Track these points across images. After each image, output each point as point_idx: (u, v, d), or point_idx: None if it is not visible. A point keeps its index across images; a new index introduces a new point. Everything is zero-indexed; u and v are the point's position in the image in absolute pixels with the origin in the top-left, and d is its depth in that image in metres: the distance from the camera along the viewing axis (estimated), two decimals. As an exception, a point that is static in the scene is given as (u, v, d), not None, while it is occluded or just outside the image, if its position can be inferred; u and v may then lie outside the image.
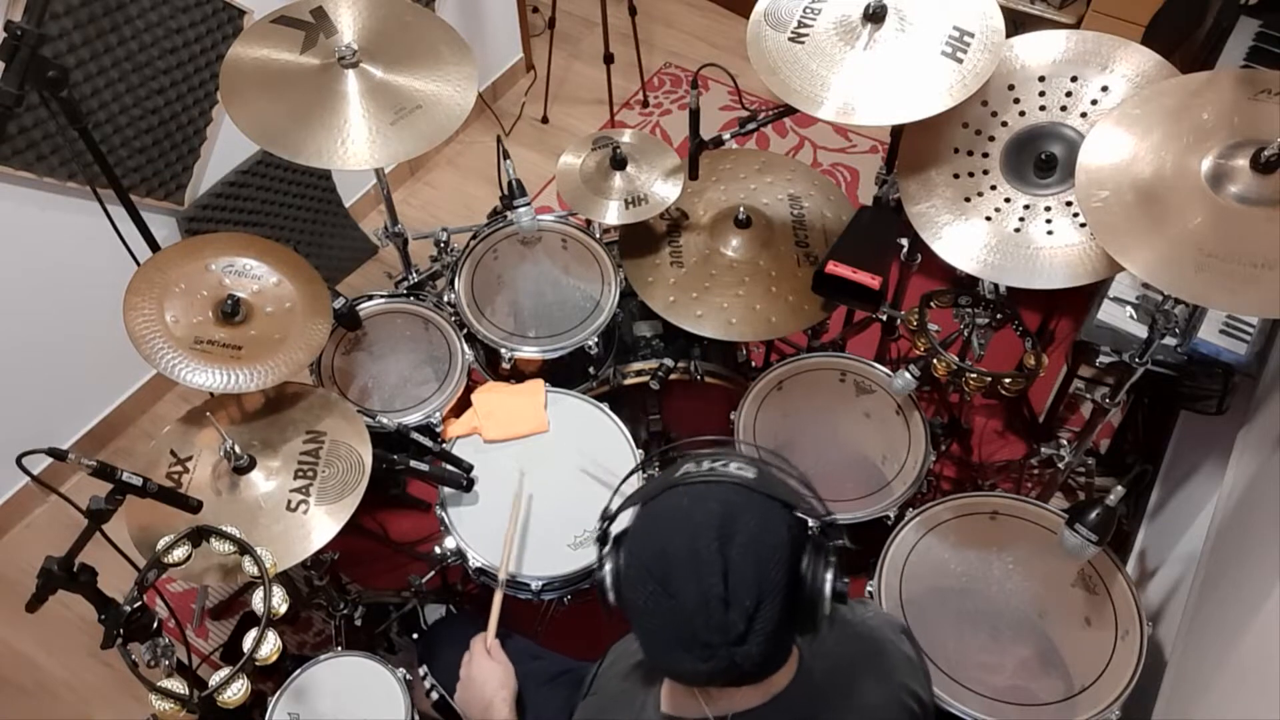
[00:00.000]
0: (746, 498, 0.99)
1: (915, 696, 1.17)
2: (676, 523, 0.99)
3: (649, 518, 1.02)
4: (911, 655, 1.22)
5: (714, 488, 1.00)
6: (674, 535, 0.98)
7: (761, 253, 2.05)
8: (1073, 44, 1.62)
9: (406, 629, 2.14)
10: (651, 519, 1.02)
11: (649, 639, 1.02)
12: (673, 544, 0.97)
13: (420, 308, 2.11)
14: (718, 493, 0.99)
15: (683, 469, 1.03)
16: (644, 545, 1.00)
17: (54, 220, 2.20)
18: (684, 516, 0.99)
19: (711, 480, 1.00)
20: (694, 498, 1.00)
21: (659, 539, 0.99)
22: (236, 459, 1.59)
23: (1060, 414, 2.54)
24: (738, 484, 1.00)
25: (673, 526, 0.99)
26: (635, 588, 1.00)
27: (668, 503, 1.01)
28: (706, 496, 0.99)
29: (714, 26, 3.80)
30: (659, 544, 0.98)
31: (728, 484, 0.99)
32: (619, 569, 1.05)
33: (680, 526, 0.98)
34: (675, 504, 1.00)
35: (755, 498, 0.99)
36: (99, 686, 2.28)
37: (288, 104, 1.76)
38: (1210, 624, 1.57)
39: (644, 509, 1.04)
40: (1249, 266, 1.29)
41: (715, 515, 0.97)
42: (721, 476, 1.00)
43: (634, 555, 1.01)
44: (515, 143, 3.36)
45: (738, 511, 0.98)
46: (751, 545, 0.96)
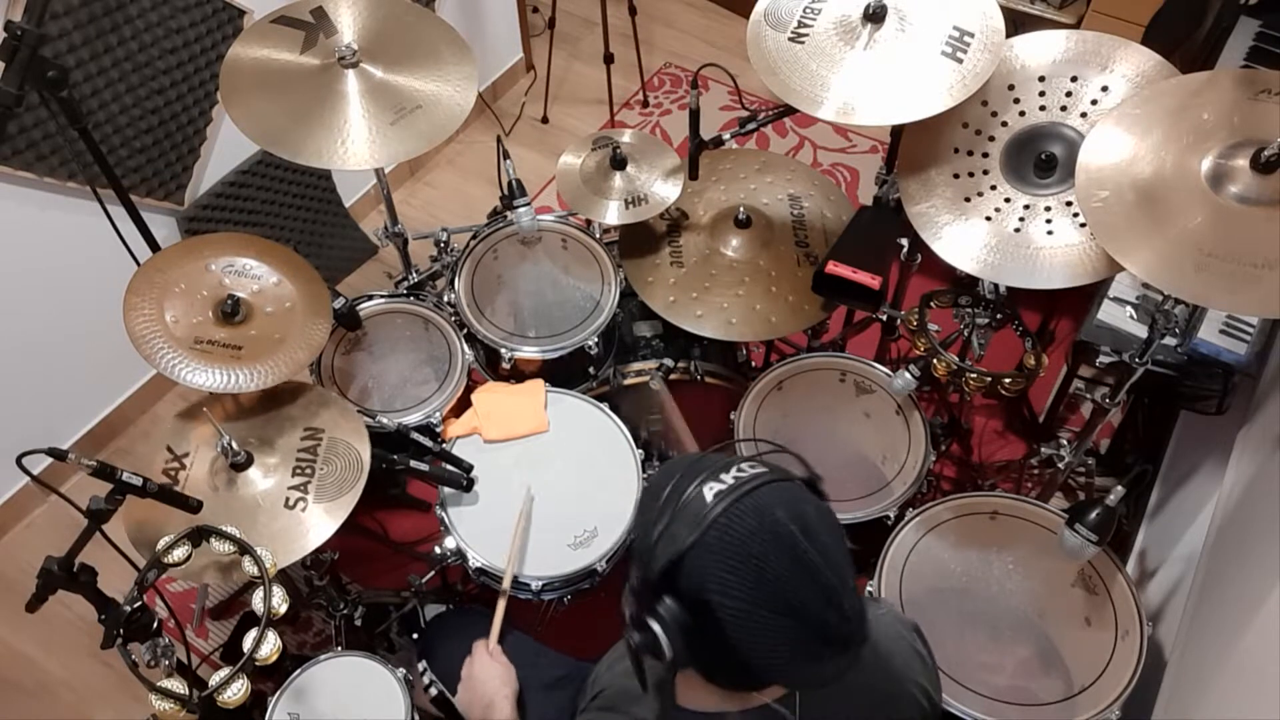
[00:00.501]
0: (788, 490, 0.97)
1: (925, 693, 1.18)
2: (763, 543, 0.92)
3: (725, 553, 0.92)
4: (923, 652, 1.22)
5: (762, 493, 0.95)
6: (767, 557, 0.92)
7: (761, 253, 2.05)
8: (1073, 44, 1.62)
9: (406, 629, 2.14)
10: (730, 552, 0.92)
11: (777, 666, 0.96)
12: (770, 565, 0.92)
13: (420, 308, 2.11)
14: (769, 496, 0.95)
15: (708, 493, 0.95)
16: (740, 579, 0.92)
17: (54, 220, 2.20)
18: (767, 534, 0.92)
19: (755, 488, 0.95)
20: (758, 512, 0.93)
21: (753, 567, 0.92)
22: (233, 455, 1.59)
23: (1060, 414, 2.54)
24: (773, 480, 0.96)
25: (762, 548, 0.92)
26: (753, 628, 0.93)
27: (737, 529, 0.93)
28: (767, 505, 0.94)
29: (714, 26, 3.80)
30: (756, 571, 0.92)
31: (768, 484, 0.96)
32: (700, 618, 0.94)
33: (769, 545, 0.92)
34: (746, 527, 0.93)
35: (790, 486, 0.97)
36: (99, 686, 2.28)
37: (288, 104, 1.76)
38: (1210, 624, 1.57)
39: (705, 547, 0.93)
40: (1249, 266, 1.29)
41: (788, 519, 0.93)
42: (755, 480, 0.95)
43: (730, 594, 0.93)
44: (515, 143, 3.36)
45: (796, 505, 0.95)
46: (823, 531, 0.95)
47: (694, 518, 0.93)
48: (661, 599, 0.94)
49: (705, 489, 0.95)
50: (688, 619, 0.94)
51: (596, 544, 1.76)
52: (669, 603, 0.94)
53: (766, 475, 0.97)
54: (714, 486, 0.95)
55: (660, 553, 0.94)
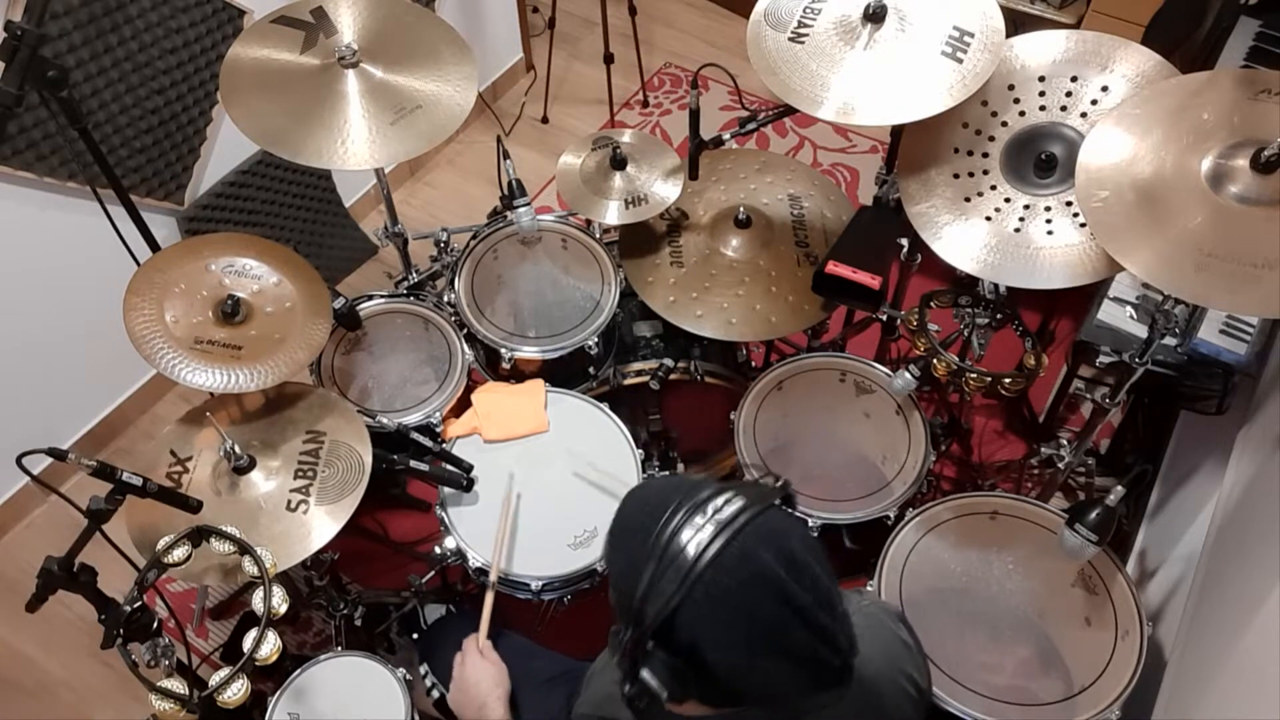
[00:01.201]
0: (767, 525, 0.94)
1: (913, 681, 1.18)
2: (751, 591, 0.91)
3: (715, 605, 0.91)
4: (908, 640, 1.22)
5: (745, 537, 0.92)
6: (758, 604, 0.91)
7: (761, 253, 2.05)
8: (1073, 44, 1.62)
9: (406, 629, 2.14)
10: (720, 604, 0.91)
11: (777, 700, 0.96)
12: (761, 612, 0.92)
13: (420, 308, 2.11)
14: (752, 538, 0.92)
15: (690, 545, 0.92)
16: (732, 631, 0.92)
17: (54, 220, 2.20)
18: (754, 580, 0.92)
19: (736, 533, 0.92)
20: (743, 558, 0.92)
21: (744, 616, 0.92)
22: (236, 459, 1.59)
23: (1060, 414, 2.54)
24: (751, 518, 0.93)
25: (751, 596, 0.91)
26: (750, 675, 0.94)
27: (725, 580, 0.91)
28: (751, 550, 0.92)
29: (714, 26, 3.80)
30: (748, 621, 0.92)
31: (748, 525, 0.93)
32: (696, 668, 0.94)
33: (758, 592, 0.91)
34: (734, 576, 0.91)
35: (769, 517, 0.95)
36: (99, 686, 2.28)
37: (288, 104, 1.76)
38: (1210, 624, 1.57)
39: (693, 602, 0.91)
40: (1249, 266, 1.29)
41: (773, 561, 0.92)
42: (735, 523, 0.92)
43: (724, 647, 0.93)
44: (515, 143, 3.36)
45: (782, 540, 0.93)
46: (810, 561, 0.94)
47: (678, 573, 0.91)
48: (653, 652, 0.94)
49: (686, 539, 0.92)
50: (681, 667, 0.94)
51: (596, 544, 1.76)
52: (660, 654, 0.94)
53: (745, 511, 0.93)
54: (695, 536, 0.92)
55: (648, 610, 0.93)
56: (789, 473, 1.88)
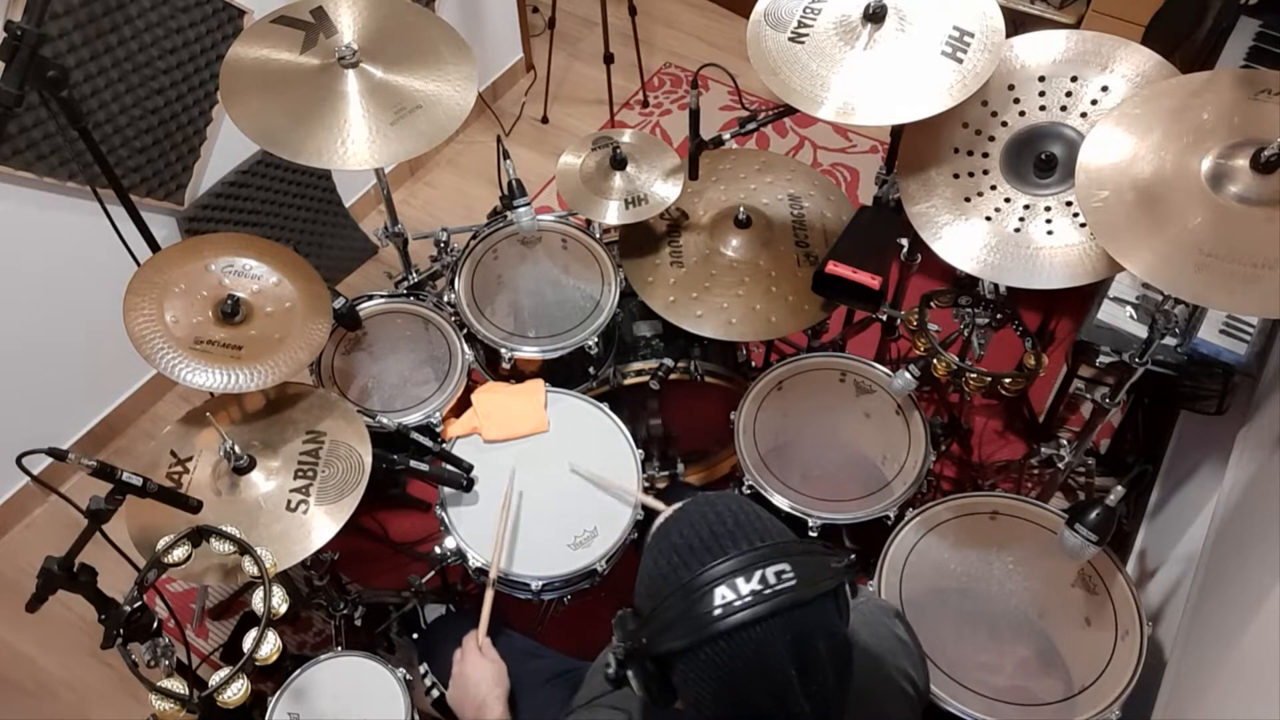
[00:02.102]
0: (804, 618, 0.90)
1: (910, 680, 1.18)
2: (753, 682, 0.89)
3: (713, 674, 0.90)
4: (905, 637, 1.22)
5: (772, 625, 0.88)
6: (755, 696, 0.89)
7: (761, 253, 2.05)
8: (1073, 44, 1.62)
9: (406, 629, 2.14)
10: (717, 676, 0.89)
11: None
12: (754, 701, 0.90)
13: (420, 308, 2.11)
14: (778, 631, 0.88)
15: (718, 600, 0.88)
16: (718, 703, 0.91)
17: (54, 220, 2.20)
18: (759, 673, 0.88)
19: (766, 615, 0.87)
20: (759, 647, 0.88)
21: (736, 699, 0.90)
22: (236, 459, 1.59)
23: (1060, 414, 2.54)
24: (789, 606, 0.88)
25: (750, 687, 0.89)
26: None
27: (732, 660, 0.88)
28: (770, 641, 0.88)
29: (714, 26, 3.80)
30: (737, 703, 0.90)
31: (782, 613, 0.88)
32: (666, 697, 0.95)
33: (759, 686, 0.89)
34: (743, 661, 0.88)
35: (810, 610, 0.90)
36: (99, 686, 2.28)
37: (288, 104, 1.76)
38: (1210, 624, 1.57)
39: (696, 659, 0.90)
40: (1249, 266, 1.29)
41: (789, 661, 0.88)
42: (771, 603, 0.88)
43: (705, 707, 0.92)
44: (515, 143, 3.36)
45: (806, 639, 0.89)
46: (828, 668, 0.91)
47: (696, 627, 0.89)
48: (649, 670, 0.94)
49: (719, 597, 0.89)
50: (661, 692, 0.95)
51: (596, 544, 1.76)
52: (651, 667, 0.94)
53: (787, 594, 0.88)
54: (728, 596, 0.88)
55: (655, 641, 0.92)
56: (789, 473, 1.91)
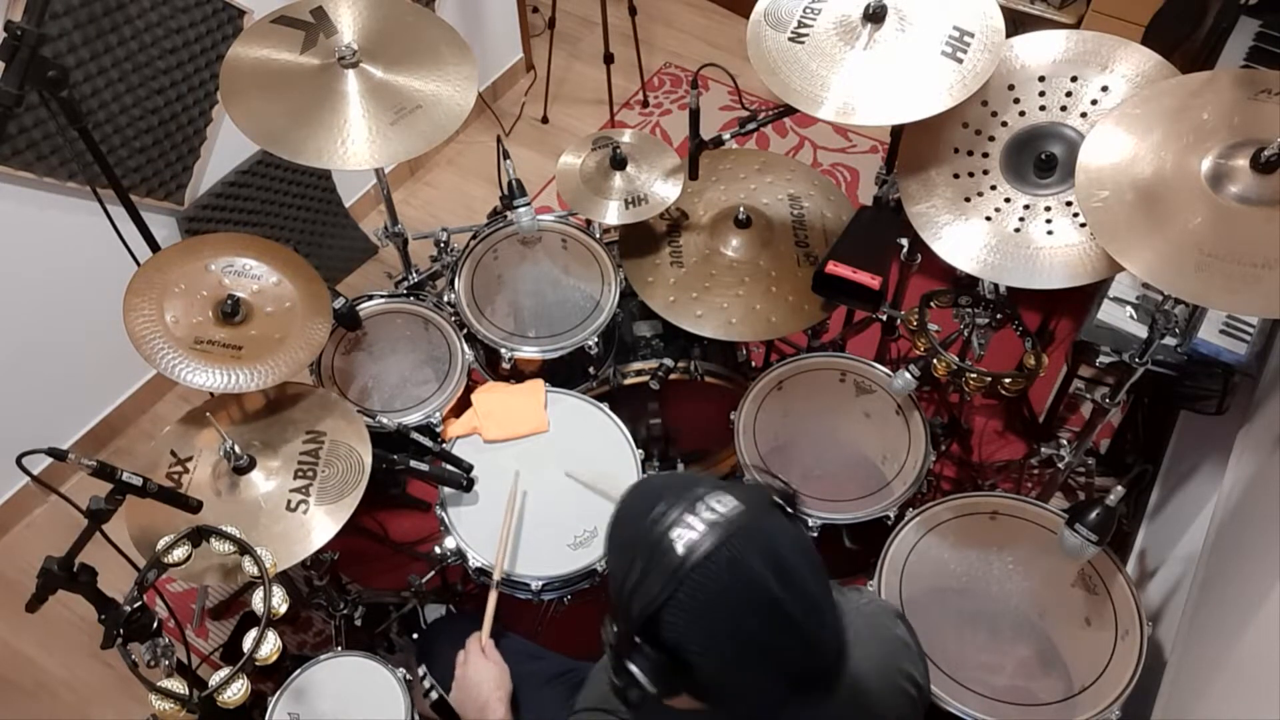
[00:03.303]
0: (760, 528, 0.93)
1: (912, 680, 1.18)
2: (738, 600, 0.91)
3: (700, 611, 0.91)
4: (907, 639, 1.22)
5: (735, 541, 0.91)
6: (744, 615, 0.91)
7: (761, 253, 2.05)
8: (1073, 44, 1.62)
9: (406, 629, 2.14)
10: (705, 610, 0.91)
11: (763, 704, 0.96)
12: (747, 623, 0.91)
13: (420, 308, 2.11)
14: (741, 544, 0.91)
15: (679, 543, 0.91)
16: (715, 639, 0.92)
17: (54, 220, 2.20)
18: (741, 589, 0.91)
19: (727, 538, 0.91)
20: (731, 565, 0.90)
21: (728, 626, 0.91)
22: (236, 459, 1.59)
23: (1060, 414, 2.54)
24: (744, 522, 0.92)
25: (737, 606, 0.91)
26: (734, 679, 0.93)
27: (710, 587, 0.90)
28: (740, 556, 0.91)
29: (714, 26, 3.80)
30: (732, 630, 0.91)
31: (740, 529, 0.92)
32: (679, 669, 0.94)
33: (744, 602, 0.91)
34: (720, 583, 0.90)
35: (763, 520, 0.94)
36: (99, 686, 2.28)
37: (288, 104, 1.76)
38: (1210, 624, 1.57)
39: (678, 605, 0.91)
40: (1249, 266, 1.29)
41: (767, 572, 0.90)
42: (727, 526, 0.91)
43: (707, 653, 0.92)
44: (515, 143, 3.36)
45: (773, 547, 0.92)
46: (801, 568, 0.92)
47: (666, 571, 0.91)
48: (640, 647, 0.94)
49: (676, 537, 0.91)
50: (667, 664, 0.94)
51: (596, 544, 1.76)
52: (647, 650, 0.94)
53: (737, 512, 0.92)
54: (685, 535, 0.91)
55: (635, 606, 0.93)
56: (789, 473, 1.91)
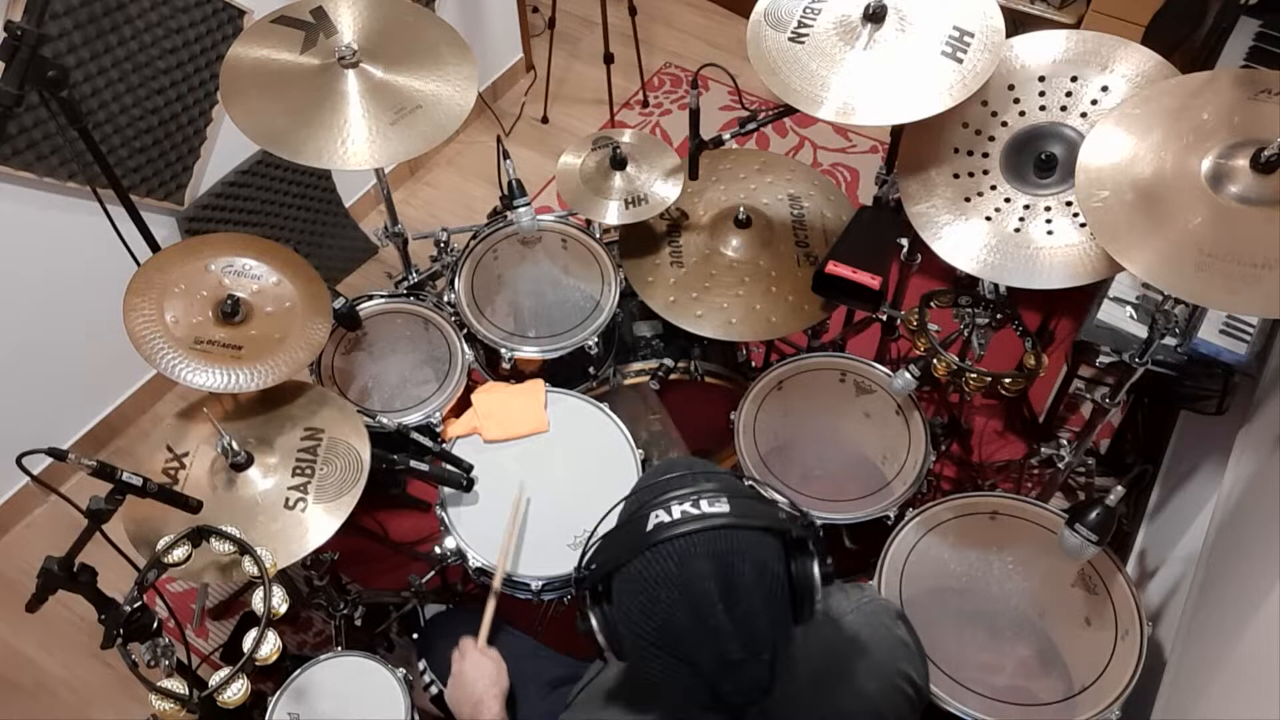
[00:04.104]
0: (731, 540, 0.93)
1: (910, 681, 1.18)
2: (673, 593, 0.92)
3: (638, 587, 0.94)
4: (907, 639, 1.22)
5: (696, 539, 0.92)
6: (674, 608, 0.92)
7: (761, 253, 2.05)
8: (1073, 44, 1.62)
9: (406, 629, 2.14)
10: (641, 589, 0.94)
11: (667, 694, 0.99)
12: (675, 617, 0.92)
13: (420, 308, 2.11)
14: (702, 546, 0.92)
15: (652, 520, 0.94)
16: (644, 618, 0.94)
17: (54, 220, 2.20)
18: (679, 584, 0.92)
19: (691, 531, 0.92)
20: (681, 559, 0.92)
21: (658, 612, 0.93)
22: (234, 455, 1.59)
23: (1060, 414, 2.54)
24: (718, 527, 0.93)
25: (670, 597, 0.92)
26: (642, 656, 0.95)
27: (655, 569, 0.93)
28: (692, 554, 0.92)
29: (714, 26, 3.80)
30: (660, 617, 0.93)
31: (708, 531, 0.93)
32: (613, 628, 0.98)
33: (678, 597, 0.92)
34: (664, 570, 0.92)
35: (739, 535, 0.94)
36: (99, 686, 2.28)
37: (288, 104, 1.76)
38: (1210, 624, 1.57)
39: (627, 573, 0.95)
40: (1249, 266, 1.29)
41: (710, 575, 0.91)
42: (698, 523, 0.93)
43: (634, 625, 0.95)
44: (515, 143, 3.36)
45: (731, 560, 0.92)
46: (754, 594, 0.92)
47: (630, 540, 0.95)
48: (599, 596, 1.00)
49: (653, 513, 0.94)
50: (608, 627, 0.99)
51: (596, 544, 1.76)
52: (603, 605, 0.99)
53: (719, 519, 0.93)
54: (660, 515, 0.94)
55: (598, 558, 0.99)
56: (789, 473, 1.91)
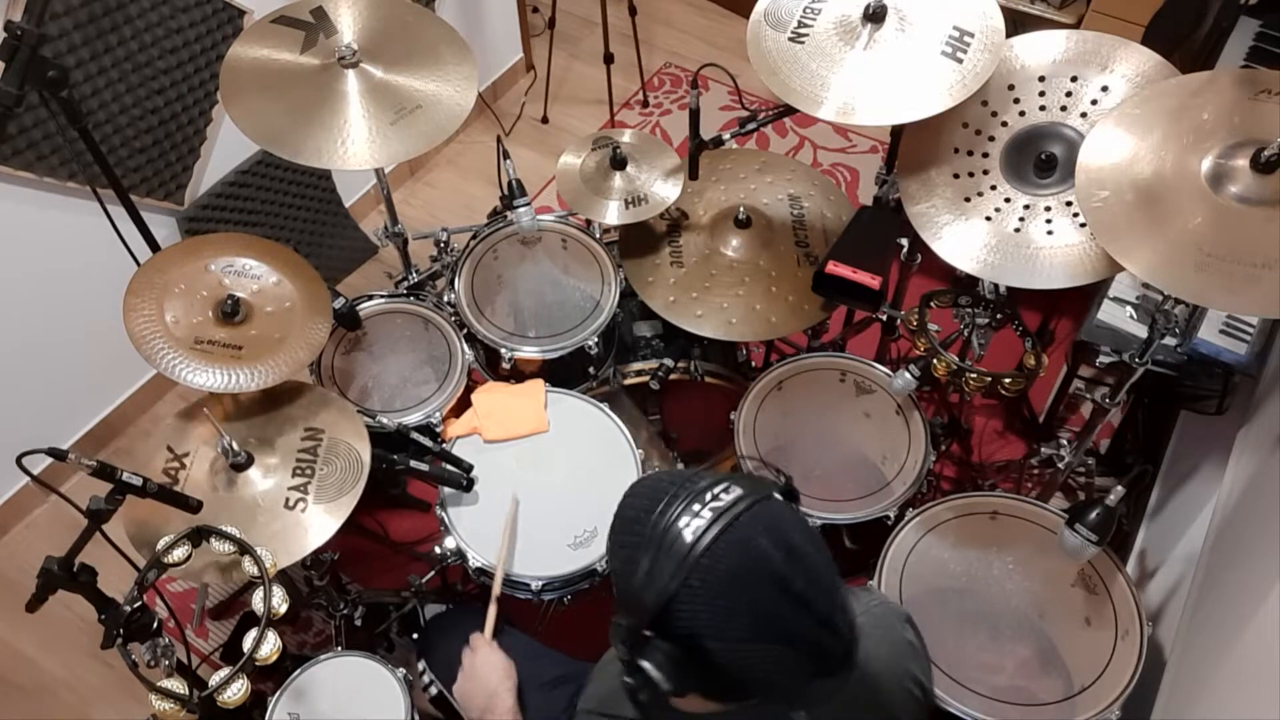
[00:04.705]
0: (764, 513, 0.95)
1: (918, 683, 1.18)
2: (751, 579, 0.92)
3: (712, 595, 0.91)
4: (914, 642, 1.22)
5: (742, 524, 0.92)
6: (757, 592, 0.91)
7: (761, 253, 2.05)
8: (1073, 44, 1.62)
9: (406, 629, 2.14)
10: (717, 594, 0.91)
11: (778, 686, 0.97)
12: (761, 600, 0.91)
13: (420, 308, 2.11)
14: (751, 527, 0.93)
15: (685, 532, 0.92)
16: (730, 621, 0.92)
17: (54, 220, 2.20)
18: (753, 570, 0.92)
19: (733, 521, 0.92)
20: (742, 546, 0.92)
21: (745, 606, 0.92)
22: (234, 456, 1.59)
23: (1060, 414, 2.54)
24: (750, 507, 0.94)
25: (756, 586, 0.92)
26: (751, 660, 0.94)
27: (722, 568, 0.91)
28: (749, 540, 0.92)
29: (714, 26, 3.80)
30: (749, 610, 0.92)
31: (744, 513, 0.93)
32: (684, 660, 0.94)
33: (759, 581, 0.91)
34: (732, 564, 0.91)
35: (766, 506, 0.95)
36: (99, 686, 2.28)
37: (288, 104, 1.76)
38: (1210, 624, 1.57)
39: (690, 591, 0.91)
40: (1249, 266, 1.29)
41: (774, 551, 0.92)
42: (733, 511, 0.93)
43: (721, 634, 0.92)
44: (515, 143, 3.36)
45: (779, 528, 0.94)
46: (810, 547, 0.94)
47: (676, 560, 0.91)
48: (652, 641, 0.94)
49: (683, 526, 0.92)
50: (682, 656, 0.93)
51: (596, 544, 1.76)
52: (660, 643, 0.94)
53: (743, 499, 0.94)
54: (691, 523, 0.92)
55: (646, 598, 0.92)
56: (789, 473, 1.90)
